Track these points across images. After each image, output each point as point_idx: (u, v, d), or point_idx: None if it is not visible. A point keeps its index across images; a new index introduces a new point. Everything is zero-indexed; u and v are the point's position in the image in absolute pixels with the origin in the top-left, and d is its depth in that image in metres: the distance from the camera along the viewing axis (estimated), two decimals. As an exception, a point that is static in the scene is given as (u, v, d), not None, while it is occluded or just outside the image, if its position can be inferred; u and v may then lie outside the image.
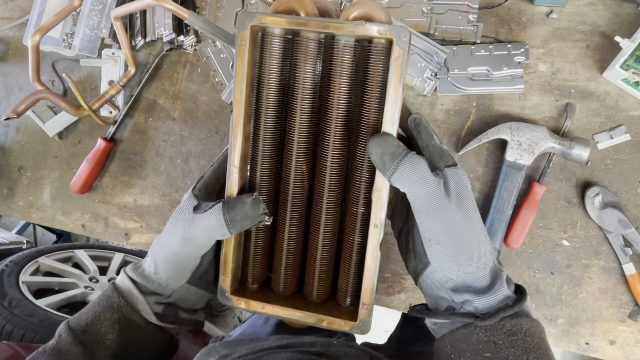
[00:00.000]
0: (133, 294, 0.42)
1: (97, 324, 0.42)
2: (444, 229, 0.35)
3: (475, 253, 0.35)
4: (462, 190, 0.35)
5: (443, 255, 0.36)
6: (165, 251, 0.42)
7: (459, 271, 0.35)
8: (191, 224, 0.40)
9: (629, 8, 0.61)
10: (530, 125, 0.60)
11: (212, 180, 0.44)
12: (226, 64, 0.74)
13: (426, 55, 0.64)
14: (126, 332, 0.43)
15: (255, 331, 0.78)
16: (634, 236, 0.58)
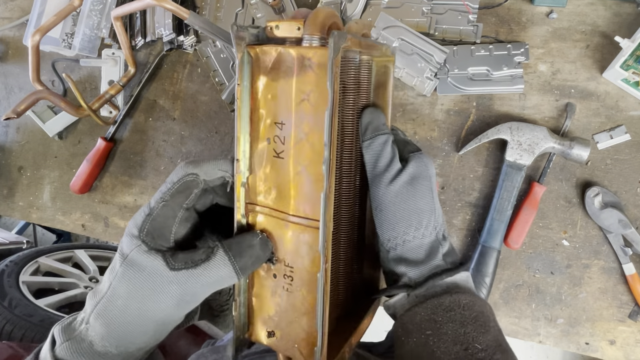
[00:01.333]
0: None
1: None
2: (388, 198, 0.38)
3: (414, 224, 0.38)
4: (418, 170, 0.39)
5: (384, 223, 0.38)
6: (134, 322, 0.35)
7: (397, 239, 0.38)
8: (188, 283, 0.34)
9: (629, 8, 0.61)
10: (530, 125, 0.60)
11: (166, 219, 0.36)
12: (226, 64, 0.74)
13: (426, 55, 0.64)
14: None
15: None
16: (634, 236, 0.58)
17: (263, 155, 0.37)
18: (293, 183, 0.35)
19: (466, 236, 0.64)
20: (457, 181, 0.65)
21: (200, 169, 0.38)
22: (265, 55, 0.35)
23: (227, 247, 0.35)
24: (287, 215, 0.36)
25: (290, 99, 0.35)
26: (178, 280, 0.34)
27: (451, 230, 0.65)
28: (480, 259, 0.60)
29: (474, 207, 0.64)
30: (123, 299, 0.34)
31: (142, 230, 0.35)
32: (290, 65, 0.35)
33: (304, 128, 0.35)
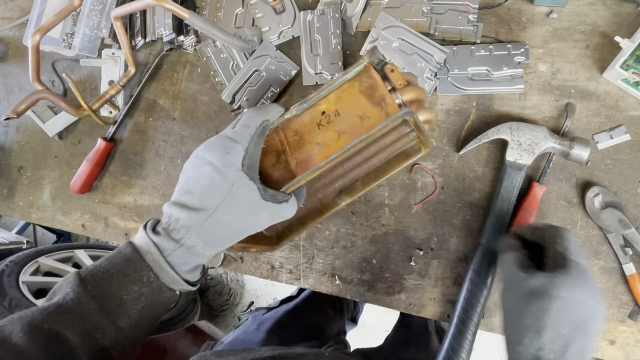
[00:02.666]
0: (178, 281, 0.43)
1: (123, 295, 0.41)
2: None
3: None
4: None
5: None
6: (234, 234, 0.45)
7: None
8: (274, 214, 0.46)
9: (629, 8, 0.61)
10: (530, 125, 0.60)
11: (256, 155, 0.47)
12: (226, 64, 0.74)
13: (426, 55, 0.64)
14: (152, 302, 0.43)
15: (247, 337, 0.78)
16: (634, 236, 0.58)
17: (314, 123, 0.52)
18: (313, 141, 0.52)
19: (466, 236, 0.64)
20: (457, 181, 0.65)
21: (269, 114, 0.50)
22: (369, 77, 0.51)
23: (295, 195, 0.49)
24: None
25: (354, 108, 0.51)
26: (267, 209, 0.45)
27: (451, 230, 0.65)
28: (480, 260, 0.60)
29: (474, 207, 0.64)
30: (228, 216, 0.43)
31: (244, 165, 0.44)
32: (374, 95, 0.50)
33: (344, 128, 0.51)
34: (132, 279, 0.42)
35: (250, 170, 0.44)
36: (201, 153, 0.45)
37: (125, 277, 0.42)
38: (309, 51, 0.70)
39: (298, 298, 0.98)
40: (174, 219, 0.43)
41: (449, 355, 0.59)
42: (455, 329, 0.60)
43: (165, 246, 0.42)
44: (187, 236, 0.42)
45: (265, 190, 0.45)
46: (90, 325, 0.40)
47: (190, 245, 0.42)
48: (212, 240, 0.43)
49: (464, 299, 0.60)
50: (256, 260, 0.72)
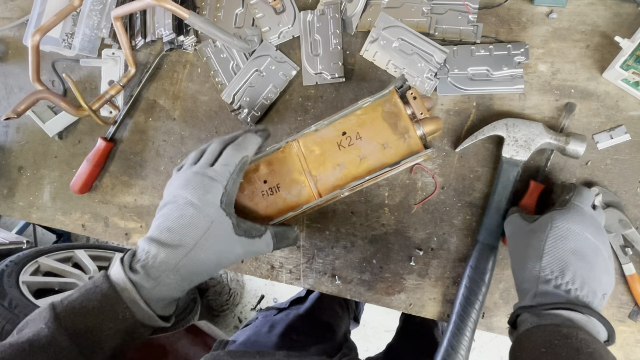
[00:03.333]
0: (153, 319, 0.43)
1: (98, 332, 0.41)
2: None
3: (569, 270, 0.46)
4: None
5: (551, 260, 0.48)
6: (208, 270, 0.46)
7: (550, 275, 0.46)
8: (247, 249, 0.48)
9: (629, 8, 0.61)
10: (526, 121, 0.60)
11: (234, 191, 0.48)
12: (226, 64, 0.74)
13: (426, 55, 0.64)
14: (127, 338, 0.43)
15: (259, 340, 0.78)
16: (634, 236, 0.58)
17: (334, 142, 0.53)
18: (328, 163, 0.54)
19: (466, 236, 0.64)
20: (457, 181, 0.65)
21: (247, 150, 0.50)
22: (393, 105, 0.52)
23: (273, 233, 0.50)
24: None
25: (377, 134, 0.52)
26: (240, 243, 0.47)
27: (451, 230, 0.65)
28: (478, 256, 0.60)
29: (474, 207, 0.64)
30: (205, 252, 0.44)
31: (222, 202, 0.46)
32: (397, 124, 0.52)
33: (366, 153, 0.52)
34: (108, 317, 0.41)
35: (227, 206, 0.46)
36: (181, 192, 0.46)
37: (101, 314, 0.41)
38: (309, 51, 0.70)
39: (308, 300, 0.97)
40: (151, 256, 0.43)
41: (448, 352, 0.59)
42: (454, 326, 0.60)
43: (144, 284, 0.42)
44: (165, 274, 0.43)
45: (239, 226, 0.47)
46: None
47: (168, 283, 0.43)
48: (189, 276, 0.44)
49: (463, 296, 0.60)
50: (256, 260, 0.72)
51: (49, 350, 0.38)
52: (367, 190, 0.68)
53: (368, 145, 0.52)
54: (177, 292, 0.45)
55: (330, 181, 0.53)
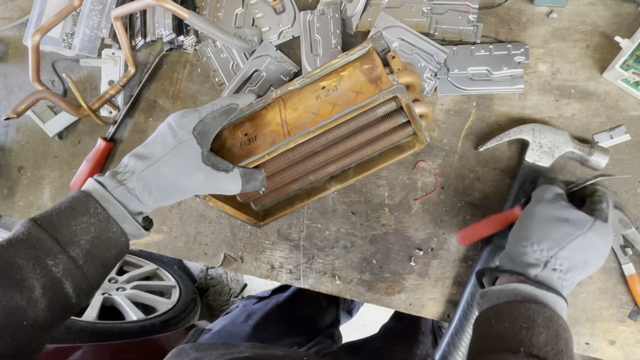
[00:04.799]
0: (124, 215, 0.46)
1: (72, 225, 0.43)
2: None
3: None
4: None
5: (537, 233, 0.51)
6: (169, 188, 0.47)
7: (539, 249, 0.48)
8: (211, 179, 0.49)
9: (629, 8, 0.61)
10: (552, 128, 0.60)
11: (212, 127, 0.51)
12: (226, 64, 0.74)
13: (426, 55, 0.64)
14: (101, 236, 0.45)
15: (233, 329, 0.78)
16: (634, 236, 0.58)
17: (313, 96, 0.55)
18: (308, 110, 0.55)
19: (466, 236, 0.64)
20: (457, 181, 0.65)
21: (239, 101, 0.55)
22: (371, 60, 0.54)
23: (242, 172, 0.52)
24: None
25: (352, 85, 0.53)
26: (205, 172, 0.48)
27: (451, 230, 0.65)
28: (487, 257, 0.60)
29: (474, 207, 0.64)
30: (168, 168, 0.47)
31: (195, 130, 0.49)
32: (372, 74, 0.53)
33: (339, 101, 0.53)
34: (80, 211, 0.44)
35: (201, 136, 0.49)
36: (168, 117, 0.51)
37: (73, 211, 0.44)
38: (309, 51, 0.70)
39: (289, 290, 0.97)
40: (123, 165, 0.48)
41: (449, 349, 0.59)
42: (457, 324, 0.60)
43: (108, 183, 0.46)
44: (130, 179, 0.46)
45: (208, 157, 0.49)
46: (41, 252, 0.41)
47: (131, 188, 0.46)
48: (150, 186, 0.46)
49: (470, 293, 0.60)
50: (256, 260, 0.72)
51: (28, 242, 0.41)
52: (367, 190, 0.68)
53: (342, 94, 0.54)
54: (142, 204, 0.47)
55: (304, 127, 0.54)
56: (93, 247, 0.44)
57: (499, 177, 0.64)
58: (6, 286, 0.38)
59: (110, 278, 1.57)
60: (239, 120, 0.59)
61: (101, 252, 0.45)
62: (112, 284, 1.54)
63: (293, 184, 0.64)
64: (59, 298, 0.42)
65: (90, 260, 0.44)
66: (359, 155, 0.61)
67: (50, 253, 0.41)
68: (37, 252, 0.41)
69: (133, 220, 0.46)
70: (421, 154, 0.66)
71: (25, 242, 0.41)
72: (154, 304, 1.53)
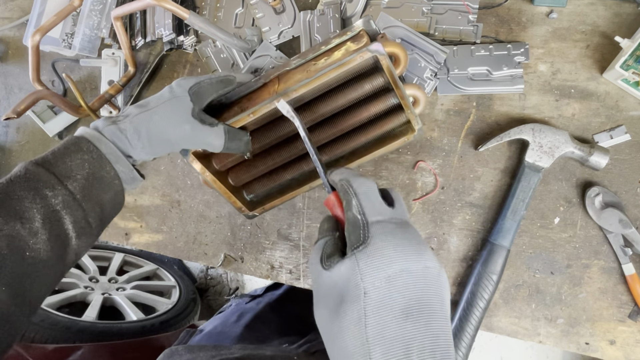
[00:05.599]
0: (116, 154, 0.48)
1: (68, 161, 0.45)
2: None
3: None
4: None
5: None
6: (157, 134, 0.50)
7: None
8: (197, 132, 0.51)
9: (629, 8, 0.61)
10: (552, 128, 0.60)
11: (208, 91, 0.54)
12: (226, 64, 0.74)
13: (426, 55, 0.64)
14: (96, 172, 0.47)
15: (225, 330, 0.78)
16: (634, 236, 0.58)
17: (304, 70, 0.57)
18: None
19: (466, 236, 0.64)
20: (457, 181, 0.65)
21: (237, 75, 0.58)
22: (362, 41, 0.56)
23: (227, 129, 0.54)
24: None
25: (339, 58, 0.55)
26: (191, 124, 0.51)
27: (451, 230, 0.65)
28: (488, 257, 0.60)
29: (474, 207, 0.64)
30: (159, 115, 0.50)
31: (191, 89, 0.52)
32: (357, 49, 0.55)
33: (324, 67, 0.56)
34: (74, 150, 0.46)
35: (195, 95, 0.52)
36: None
37: (67, 149, 0.46)
38: (309, 51, 0.70)
39: (282, 288, 0.96)
40: (120, 112, 0.51)
41: None
42: (457, 324, 0.60)
43: (100, 124, 0.49)
44: (123, 121, 0.49)
45: (198, 114, 0.52)
46: (40, 184, 0.42)
47: (122, 128, 0.48)
48: (140, 130, 0.49)
49: (470, 293, 0.60)
50: (256, 261, 0.72)
51: (26, 177, 0.42)
52: (367, 190, 0.68)
53: (329, 63, 0.56)
54: (132, 147, 0.49)
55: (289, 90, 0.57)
56: (88, 184, 0.46)
57: (499, 177, 0.64)
58: (7, 216, 0.39)
59: (110, 278, 1.57)
60: (236, 99, 0.61)
61: (97, 191, 0.47)
62: (112, 284, 1.54)
63: (285, 173, 0.63)
64: (59, 232, 0.43)
65: (87, 197, 0.45)
66: (352, 143, 0.61)
67: (48, 184, 0.43)
68: (35, 184, 0.42)
69: (125, 160, 0.49)
70: (421, 153, 0.66)
71: (24, 177, 0.42)
72: (154, 304, 1.53)
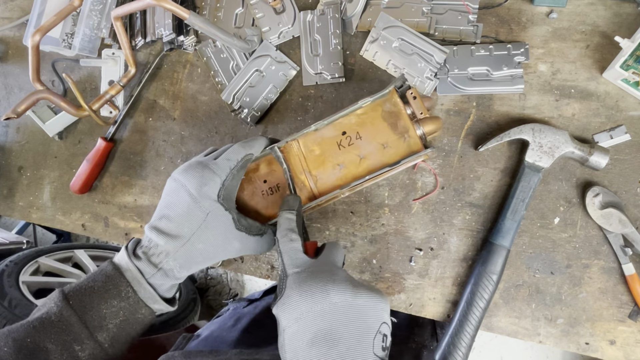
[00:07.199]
0: (155, 298, 0.46)
1: (103, 309, 0.44)
2: None
3: None
4: None
5: None
6: (206, 261, 0.47)
7: None
8: (246, 245, 0.48)
9: (629, 8, 0.61)
10: (552, 128, 0.60)
11: (234, 187, 0.50)
12: (226, 64, 0.74)
13: (426, 55, 0.64)
14: (130, 318, 0.45)
15: (222, 335, 0.77)
16: (634, 236, 0.58)
17: (334, 142, 0.53)
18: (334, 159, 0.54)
19: (466, 236, 0.64)
20: (457, 181, 0.65)
21: (253, 149, 0.52)
22: (393, 105, 0.53)
23: (273, 231, 0.51)
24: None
25: (377, 134, 0.52)
26: (240, 240, 0.48)
27: (451, 230, 0.65)
28: (488, 256, 0.60)
29: (474, 207, 0.64)
30: (204, 244, 0.46)
31: (220, 196, 0.47)
32: (396, 124, 0.52)
33: (364, 152, 0.52)
34: (112, 294, 0.44)
35: (226, 200, 0.47)
36: (180, 178, 0.47)
37: (105, 292, 0.44)
38: (309, 51, 0.70)
39: None
40: (153, 244, 0.46)
41: (449, 349, 0.59)
42: (457, 324, 0.60)
43: (145, 269, 0.45)
44: (165, 261, 0.45)
45: (239, 221, 0.48)
46: (70, 337, 0.42)
47: (168, 269, 0.46)
48: (187, 264, 0.46)
49: (470, 293, 0.60)
50: (256, 260, 0.72)
51: (58, 325, 0.42)
52: (367, 190, 0.68)
53: (368, 145, 0.52)
54: (177, 279, 0.47)
55: (330, 181, 0.53)
56: (120, 330, 0.45)
57: (499, 177, 0.64)
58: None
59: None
60: (252, 162, 0.56)
61: (128, 333, 0.46)
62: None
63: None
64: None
65: (116, 342, 0.45)
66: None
67: (78, 339, 0.42)
68: (65, 337, 0.42)
69: (162, 301, 0.47)
70: (421, 154, 0.66)
71: (56, 326, 0.42)
72: (154, 304, 1.53)
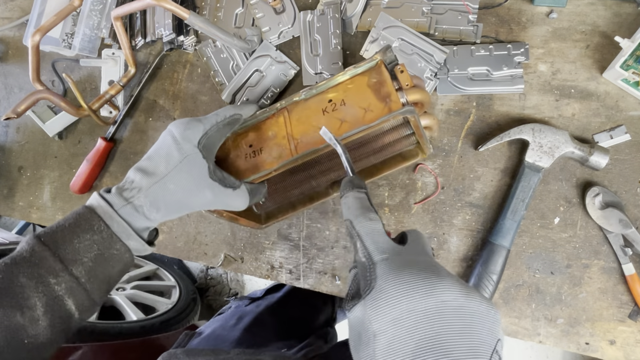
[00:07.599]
0: (128, 232, 0.45)
1: (76, 243, 0.43)
2: None
3: None
4: None
5: None
6: (176, 204, 0.47)
7: None
8: (219, 196, 0.48)
9: (629, 8, 0.61)
10: (552, 128, 0.60)
11: (216, 139, 0.51)
12: (226, 64, 0.74)
13: (426, 55, 0.64)
14: (104, 253, 0.45)
15: (223, 333, 0.77)
16: (634, 236, 0.58)
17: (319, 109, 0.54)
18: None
19: (466, 236, 0.64)
20: (457, 181, 0.65)
21: (242, 111, 0.54)
22: (379, 74, 0.52)
23: (249, 189, 0.52)
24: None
25: (360, 100, 0.52)
26: (212, 189, 0.48)
27: (451, 230, 0.65)
28: (488, 256, 0.60)
29: (474, 207, 0.64)
30: (175, 184, 0.46)
31: (200, 143, 0.48)
32: (380, 91, 0.52)
33: (346, 117, 0.52)
34: (84, 229, 0.44)
35: (206, 149, 0.48)
36: (171, 126, 0.49)
37: (77, 227, 0.44)
38: (309, 51, 0.70)
39: (282, 290, 0.95)
40: (129, 181, 0.47)
41: None
42: None
43: (115, 201, 0.45)
44: (137, 196, 0.46)
45: (215, 172, 0.48)
46: (43, 270, 0.41)
47: (138, 205, 0.46)
48: (157, 204, 0.46)
49: None
50: (256, 260, 0.72)
51: (31, 260, 0.41)
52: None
53: (350, 109, 0.52)
54: (149, 220, 0.47)
55: (310, 143, 0.53)
56: (96, 265, 0.44)
57: (499, 177, 0.64)
58: (8, 306, 0.39)
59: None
60: (242, 129, 0.58)
61: (104, 269, 0.45)
62: (112, 284, 1.54)
63: (295, 190, 0.64)
64: (61, 316, 0.42)
65: (93, 278, 0.44)
66: (362, 163, 0.62)
67: (53, 272, 0.41)
68: (39, 271, 0.41)
69: (137, 236, 0.46)
70: (421, 154, 0.66)
71: (29, 260, 0.41)
72: (154, 304, 1.53)
